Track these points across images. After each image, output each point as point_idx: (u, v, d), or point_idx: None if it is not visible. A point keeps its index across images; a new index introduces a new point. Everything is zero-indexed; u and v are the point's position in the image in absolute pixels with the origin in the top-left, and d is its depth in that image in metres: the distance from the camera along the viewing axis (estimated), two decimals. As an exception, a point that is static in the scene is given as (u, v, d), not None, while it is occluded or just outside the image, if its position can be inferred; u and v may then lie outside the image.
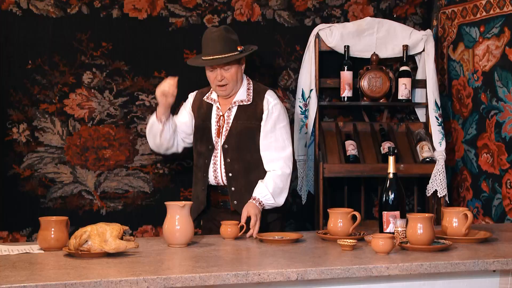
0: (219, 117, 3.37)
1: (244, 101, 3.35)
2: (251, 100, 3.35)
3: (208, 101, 3.43)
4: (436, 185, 4.12)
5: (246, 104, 3.35)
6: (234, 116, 3.35)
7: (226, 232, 3.01)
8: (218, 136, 3.35)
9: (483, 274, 2.55)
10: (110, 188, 4.10)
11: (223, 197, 3.36)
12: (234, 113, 3.35)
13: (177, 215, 2.79)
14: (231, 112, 3.36)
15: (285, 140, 3.33)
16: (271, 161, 3.30)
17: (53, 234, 2.67)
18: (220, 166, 3.34)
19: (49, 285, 2.10)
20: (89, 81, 4.06)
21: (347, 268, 2.36)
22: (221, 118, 3.37)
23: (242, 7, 4.27)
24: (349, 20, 4.41)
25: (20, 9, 3.95)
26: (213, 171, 3.34)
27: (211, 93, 3.44)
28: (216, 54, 3.27)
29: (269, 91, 3.40)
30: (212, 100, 3.42)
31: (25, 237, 3.98)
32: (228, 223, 3.03)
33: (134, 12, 4.11)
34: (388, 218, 2.88)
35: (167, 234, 2.80)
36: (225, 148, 3.32)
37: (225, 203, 3.35)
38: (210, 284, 2.25)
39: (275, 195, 3.23)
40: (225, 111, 3.36)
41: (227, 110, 3.36)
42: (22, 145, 3.98)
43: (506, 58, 3.93)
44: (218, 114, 3.38)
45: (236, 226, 3.03)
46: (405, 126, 4.42)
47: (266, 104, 3.34)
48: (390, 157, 2.91)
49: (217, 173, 3.34)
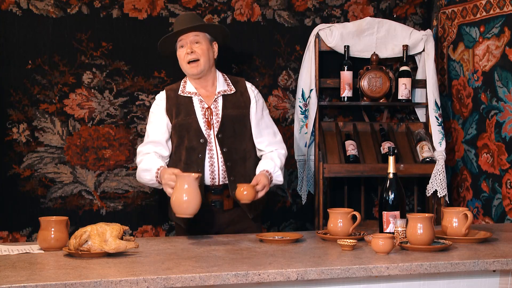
0: (205, 110, 3.33)
1: (227, 91, 3.37)
2: (233, 89, 3.39)
3: (185, 95, 3.36)
4: (436, 185, 4.12)
5: (230, 93, 3.38)
6: (222, 106, 3.34)
7: (241, 194, 3.06)
8: (209, 128, 3.31)
9: (483, 274, 2.55)
10: (110, 188, 4.10)
11: (215, 197, 3.32)
12: (221, 103, 3.35)
13: (185, 184, 2.84)
14: (217, 103, 3.35)
15: (274, 126, 3.48)
16: (269, 144, 3.41)
17: (53, 234, 2.67)
18: (217, 159, 3.30)
19: (49, 285, 2.10)
20: (89, 81, 4.06)
21: (347, 268, 2.36)
22: (207, 110, 3.33)
23: (242, 7, 4.27)
24: (349, 20, 4.42)
25: (20, 9, 3.96)
26: (209, 165, 3.30)
27: (185, 87, 3.38)
28: (184, 26, 3.34)
29: (246, 81, 3.49)
30: (192, 93, 3.36)
31: (25, 237, 3.99)
32: (244, 185, 3.08)
33: (134, 12, 4.12)
34: (388, 218, 2.88)
35: (175, 204, 2.85)
36: (220, 138, 3.30)
37: (217, 203, 3.32)
38: (210, 284, 2.25)
39: (281, 171, 3.34)
40: (211, 103, 3.34)
41: (213, 102, 3.34)
42: (22, 145, 3.98)
43: (506, 58, 3.93)
44: (203, 107, 3.34)
45: (252, 187, 3.09)
46: (405, 126, 4.42)
47: (251, 92, 3.43)
48: (390, 157, 2.91)
49: (214, 167, 3.30)
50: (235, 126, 3.34)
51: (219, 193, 3.32)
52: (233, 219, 3.36)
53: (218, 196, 3.32)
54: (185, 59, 3.33)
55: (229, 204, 3.34)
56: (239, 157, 3.34)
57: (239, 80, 3.47)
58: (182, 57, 3.35)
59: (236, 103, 3.37)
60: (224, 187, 3.32)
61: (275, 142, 3.42)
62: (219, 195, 3.32)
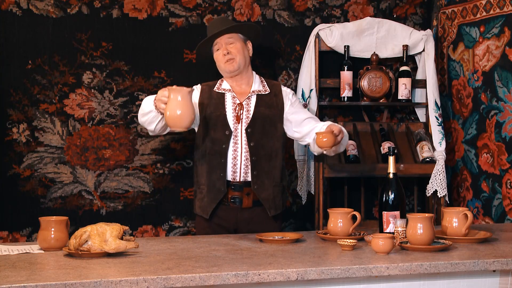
0: (236, 105, 3.42)
1: (261, 91, 3.47)
2: (268, 90, 3.48)
3: (220, 91, 3.46)
4: (436, 185, 4.12)
5: (264, 93, 3.46)
6: (255, 103, 3.43)
7: (321, 141, 3.17)
8: (238, 122, 3.39)
9: (483, 274, 2.55)
10: (110, 188, 4.10)
11: (235, 193, 3.37)
12: (254, 101, 3.44)
13: (178, 97, 2.92)
14: (250, 100, 3.44)
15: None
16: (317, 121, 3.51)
17: (53, 234, 2.66)
18: (241, 152, 3.37)
19: (49, 285, 2.10)
20: (89, 81, 4.06)
21: (347, 268, 2.36)
22: (238, 106, 3.41)
23: (242, 7, 4.27)
24: (349, 20, 4.42)
25: (20, 9, 3.95)
26: (232, 158, 3.37)
27: (222, 84, 3.50)
28: (220, 28, 3.45)
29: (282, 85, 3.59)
30: (226, 90, 3.47)
31: (25, 237, 3.98)
32: (322, 132, 3.19)
33: (134, 12, 4.11)
34: (388, 218, 2.88)
35: (169, 117, 2.97)
36: (249, 132, 3.37)
37: (236, 199, 3.37)
38: (210, 284, 2.25)
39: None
40: (243, 100, 3.43)
41: (246, 99, 3.43)
42: (22, 145, 3.98)
43: (506, 58, 3.93)
44: (234, 103, 3.43)
45: (330, 133, 3.17)
46: (405, 126, 4.42)
47: (285, 94, 3.53)
48: (390, 157, 2.92)
49: (237, 160, 3.36)
50: (265, 124, 3.42)
51: (239, 189, 3.37)
52: (252, 218, 3.40)
53: (238, 193, 3.37)
54: (222, 60, 3.45)
55: (248, 202, 3.39)
56: (266, 153, 3.41)
57: (274, 83, 3.57)
58: (219, 58, 3.48)
59: (269, 103, 3.46)
60: (245, 184, 3.38)
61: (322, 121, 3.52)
62: (239, 191, 3.37)
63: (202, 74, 3.97)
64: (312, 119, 3.51)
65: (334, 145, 3.24)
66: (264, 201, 3.39)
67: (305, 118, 3.49)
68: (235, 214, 3.40)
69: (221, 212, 3.41)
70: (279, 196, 3.48)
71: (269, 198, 3.42)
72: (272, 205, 3.43)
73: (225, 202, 3.39)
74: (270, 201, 3.41)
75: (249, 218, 3.40)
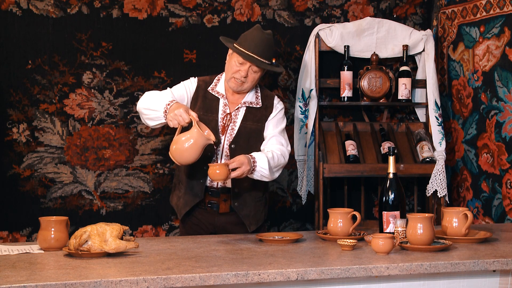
0: (225, 114, 3.32)
1: (253, 104, 3.34)
2: (260, 103, 3.35)
3: (214, 93, 3.35)
4: (436, 185, 4.12)
5: (256, 107, 3.34)
6: (242, 117, 3.32)
7: (214, 174, 2.99)
8: (222, 134, 3.30)
9: (483, 274, 2.55)
10: (110, 188, 4.10)
11: (211, 198, 3.32)
12: (243, 114, 3.33)
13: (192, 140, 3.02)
14: (239, 112, 3.33)
15: (283, 139, 3.35)
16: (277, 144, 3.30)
17: (53, 234, 2.66)
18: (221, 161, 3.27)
19: (49, 285, 2.10)
20: (89, 81, 4.06)
21: (347, 268, 2.36)
22: (227, 116, 3.32)
23: (242, 7, 4.27)
24: (349, 20, 4.42)
25: (20, 9, 3.96)
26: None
27: (217, 86, 3.37)
28: (257, 55, 3.23)
29: (276, 97, 3.43)
30: (219, 94, 3.35)
31: (25, 237, 3.99)
32: (216, 164, 3.00)
33: (134, 12, 4.12)
34: (388, 218, 2.88)
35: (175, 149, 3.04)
36: (233, 149, 3.28)
37: (214, 204, 3.32)
38: (210, 284, 2.25)
39: (270, 164, 3.19)
40: (233, 110, 3.33)
41: (235, 109, 3.33)
42: (22, 145, 3.98)
43: (506, 58, 3.93)
44: (224, 111, 3.33)
45: (225, 166, 2.99)
46: (405, 126, 4.42)
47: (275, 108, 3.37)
48: (390, 157, 2.92)
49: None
50: (250, 139, 3.32)
51: (216, 195, 3.31)
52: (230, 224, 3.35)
53: (215, 198, 3.32)
54: (236, 74, 3.26)
55: (225, 208, 3.33)
56: None
57: (268, 95, 3.41)
58: (233, 70, 3.26)
59: (257, 116, 3.34)
60: (223, 190, 3.31)
61: (279, 146, 3.31)
62: (216, 197, 3.32)
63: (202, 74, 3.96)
64: (273, 138, 3.32)
65: (227, 179, 3.06)
66: (245, 218, 3.32)
67: (270, 136, 3.34)
68: (213, 218, 3.34)
69: (199, 215, 3.36)
70: (261, 209, 3.40)
71: (250, 215, 3.34)
72: (253, 221, 3.36)
73: (202, 206, 3.34)
74: (250, 218, 3.34)
75: (225, 223, 3.35)
